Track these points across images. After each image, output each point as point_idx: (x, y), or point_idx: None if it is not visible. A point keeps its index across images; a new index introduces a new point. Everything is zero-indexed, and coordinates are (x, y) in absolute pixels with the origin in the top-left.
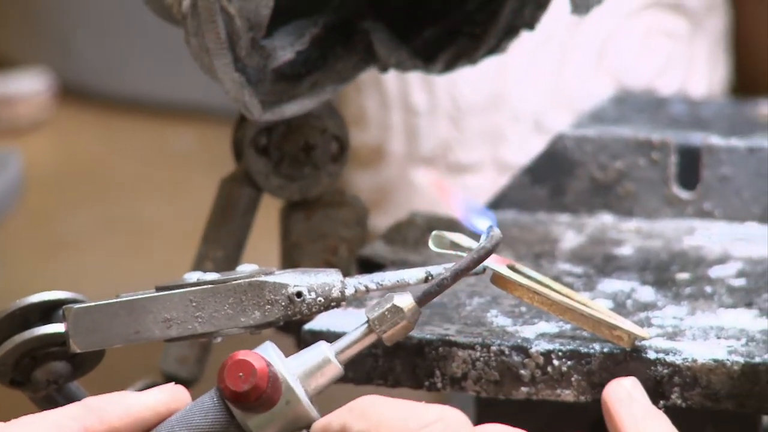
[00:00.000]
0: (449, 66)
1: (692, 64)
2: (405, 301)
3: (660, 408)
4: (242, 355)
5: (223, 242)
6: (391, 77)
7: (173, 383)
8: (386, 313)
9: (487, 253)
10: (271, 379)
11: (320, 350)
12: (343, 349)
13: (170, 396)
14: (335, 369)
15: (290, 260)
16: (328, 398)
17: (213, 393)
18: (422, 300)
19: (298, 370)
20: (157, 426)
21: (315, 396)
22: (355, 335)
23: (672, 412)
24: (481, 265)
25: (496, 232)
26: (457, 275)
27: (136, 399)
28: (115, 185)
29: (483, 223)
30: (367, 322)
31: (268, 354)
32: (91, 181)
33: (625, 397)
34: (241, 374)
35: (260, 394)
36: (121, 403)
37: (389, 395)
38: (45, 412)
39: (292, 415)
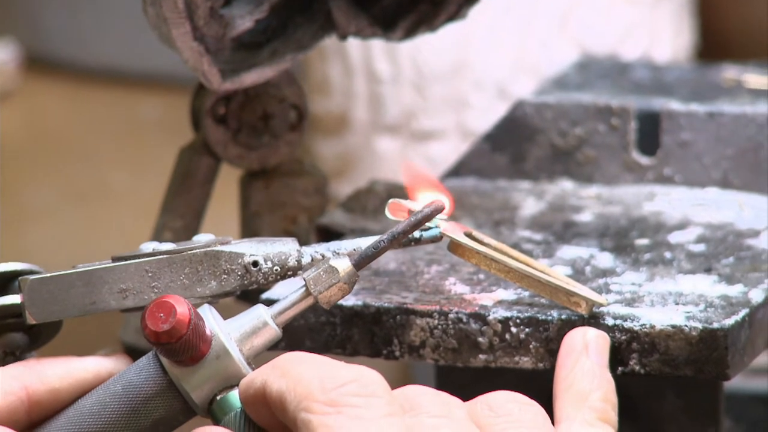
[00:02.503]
0: (409, 33)
1: (656, 29)
2: (341, 263)
3: (618, 374)
4: (166, 297)
5: (181, 212)
6: (355, 45)
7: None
8: (322, 273)
9: (425, 218)
10: (193, 324)
11: (257, 313)
12: (281, 312)
13: (113, 362)
14: (272, 331)
15: (250, 229)
16: None
17: (151, 353)
18: (359, 263)
19: (234, 331)
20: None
21: (252, 357)
22: (292, 298)
23: (633, 379)
24: (437, 231)
25: (439, 200)
26: (394, 239)
27: (78, 362)
28: (82, 155)
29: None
30: (304, 283)
31: (202, 310)
32: (57, 151)
33: (576, 349)
34: (161, 314)
35: (181, 336)
36: (62, 365)
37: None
38: None
39: (224, 371)
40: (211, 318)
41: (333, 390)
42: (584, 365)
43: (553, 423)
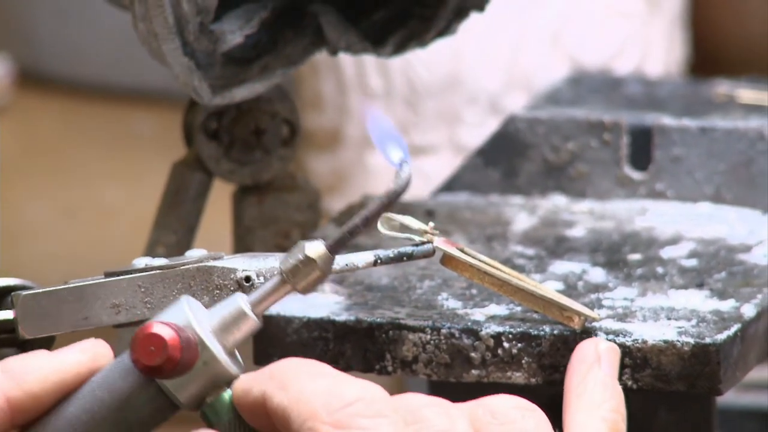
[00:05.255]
0: (399, 48)
1: (649, 44)
2: (317, 250)
3: None
4: (152, 327)
5: (174, 227)
6: (348, 61)
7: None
8: (299, 264)
9: (397, 195)
10: (184, 345)
11: (235, 303)
12: (259, 301)
13: (92, 356)
14: (252, 322)
15: (243, 245)
16: None
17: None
18: (334, 247)
19: (214, 324)
20: (80, 388)
21: (233, 349)
22: (269, 286)
23: (625, 395)
24: (430, 247)
25: (406, 170)
26: (368, 220)
27: (57, 361)
28: (75, 171)
29: (396, 153)
30: (281, 273)
31: (183, 312)
32: (51, 166)
33: (589, 359)
34: (152, 348)
35: (174, 366)
36: (40, 368)
37: None
38: None
39: (212, 375)
40: (190, 316)
41: (339, 410)
42: (597, 375)
43: (557, 431)
